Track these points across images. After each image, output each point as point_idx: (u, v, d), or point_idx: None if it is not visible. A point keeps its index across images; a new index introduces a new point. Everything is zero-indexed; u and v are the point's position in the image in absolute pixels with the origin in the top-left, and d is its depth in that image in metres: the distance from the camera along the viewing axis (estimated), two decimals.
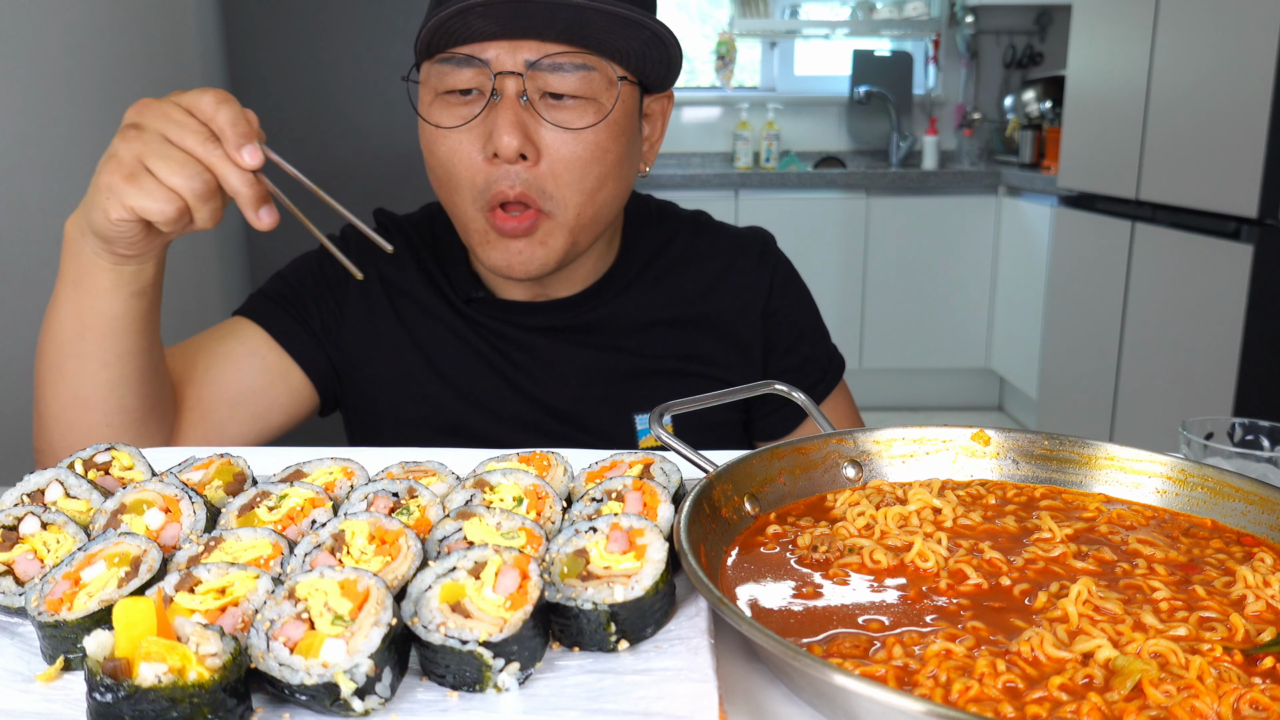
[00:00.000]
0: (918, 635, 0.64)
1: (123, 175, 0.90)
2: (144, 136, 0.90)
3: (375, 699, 0.57)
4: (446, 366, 1.25)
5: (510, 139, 1.06)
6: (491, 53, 1.08)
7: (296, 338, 1.23)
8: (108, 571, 0.66)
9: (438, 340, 1.26)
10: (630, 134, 1.17)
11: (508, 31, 1.06)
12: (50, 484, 0.77)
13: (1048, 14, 5.24)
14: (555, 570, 0.66)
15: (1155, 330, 3.25)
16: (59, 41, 1.86)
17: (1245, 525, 0.82)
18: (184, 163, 0.90)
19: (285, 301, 1.24)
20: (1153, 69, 3.22)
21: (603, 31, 1.07)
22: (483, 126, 1.10)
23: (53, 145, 1.84)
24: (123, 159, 0.90)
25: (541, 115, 1.09)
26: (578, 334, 1.27)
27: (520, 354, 1.26)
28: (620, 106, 1.12)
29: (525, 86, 1.08)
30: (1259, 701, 0.56)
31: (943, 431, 0.93)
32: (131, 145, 0.90)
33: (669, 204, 1.39)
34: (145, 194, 0.90)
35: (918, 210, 4.72)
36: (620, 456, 0.87)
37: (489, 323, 1.26)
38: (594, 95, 1.10)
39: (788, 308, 1.34)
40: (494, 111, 1.09)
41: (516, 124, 1.07)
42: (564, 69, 1.08)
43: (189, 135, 0.90)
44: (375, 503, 0.76)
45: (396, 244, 1.30)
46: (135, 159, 0.90)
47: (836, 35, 5.37)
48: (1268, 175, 2.68)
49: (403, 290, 1.27)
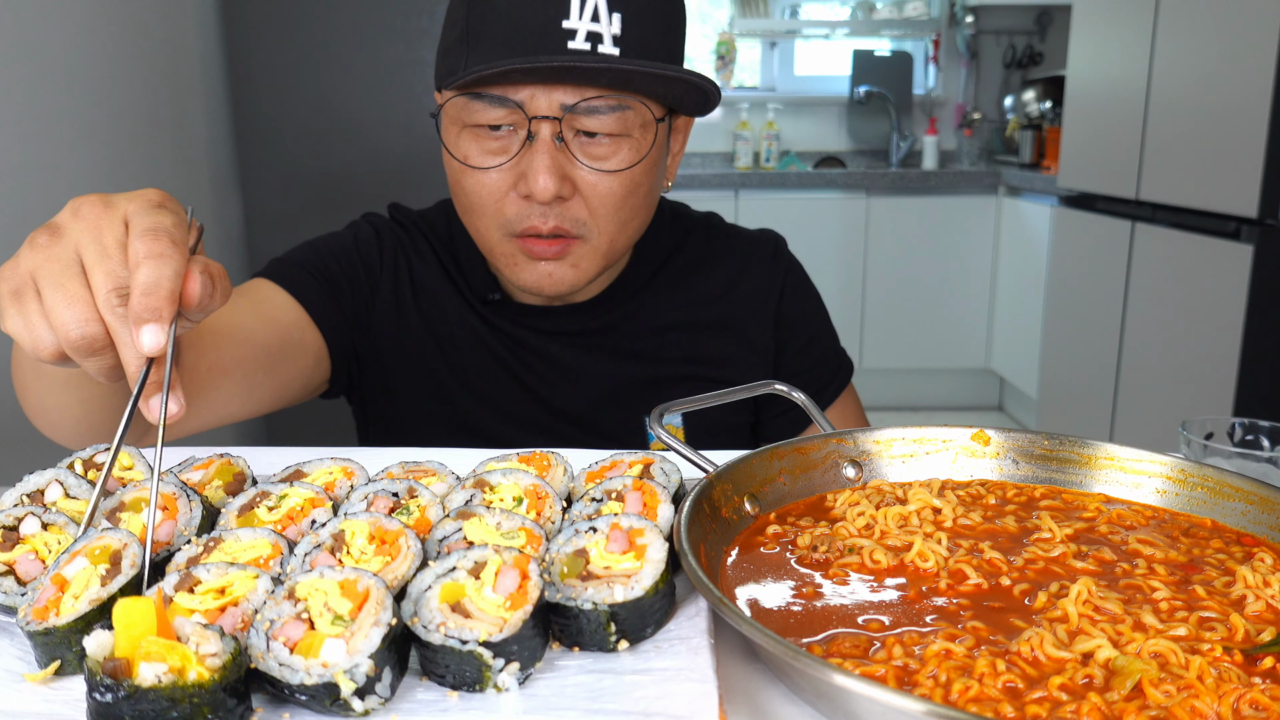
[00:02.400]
0: (918, 635, 0.64)
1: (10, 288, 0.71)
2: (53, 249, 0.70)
3: (375, 699, 0.57)
4: (463, 366, 1.26)
5: (548, 182, 1.05)
6: (525, 94, 1.05)
7: (321, 306, 1.20)
8: (88, 569, 0.65)
9: (456, 339, 1.26)
10: (661, 163, 1.17)
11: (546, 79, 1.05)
12: (50, 484, 0.77)
13: (1048, 14, 5.23)
14: (555, 570, 0.66)
15: (1155, 330, 3.25)
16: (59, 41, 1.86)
17: (1245, 525, 0.82)
18: (75, 302, 0.68)
19: (315, 271, 1.21)
20: (1153, 69, 3.22)
21: (645, 84, 1.07)
22: (515, 168, 1.08)
23: (53, 145, 1.84)
24: (18, 269, 0.70)
25: (576, 156, 1.08)
26: (593, 337, 1.27)
27: (535, 358, 1.26)
28: (656, 143, 1.12)
29: (561, 129, 1.06)
30: (1259, 701, 0.56)
31: (943, 431, 0.93)
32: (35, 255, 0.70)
33: (681, 205, 1.39)
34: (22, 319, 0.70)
35: (918, 210, 4.72)
36: (620, 456, 0.87)
37: (505, 325, 1.26)
38: (628, 132, 1.09)
39: (799, 310, 1.34)
40: (528, 154, 1.07)
41: (553, 168, 1.06)
42: (600, 111, 1.06)
43: (101, 270, 0.69)
44: (375, 503, 0.76)
45: (416, 239, 1.30)
46: (29, 274, 0.70)
47: (836, 35, 5.37)
48: (1268, 175, 2.68)
49: (427, 285, 1.28)
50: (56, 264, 0.69)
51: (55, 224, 0.72)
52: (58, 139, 1.86)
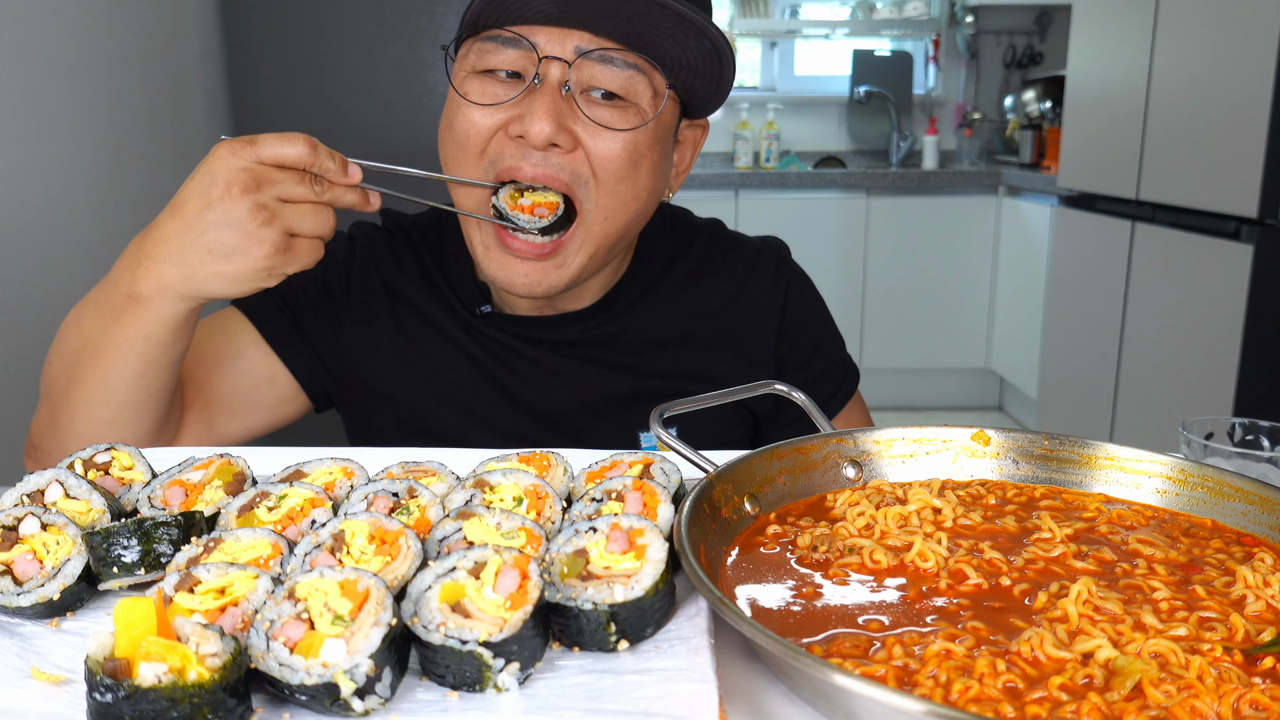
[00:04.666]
0: (918, 635, 0.64)
1: (277, 251, 0.94)
2: (270, 209, 0.93)
3: (375, 699, 0.57)
4: (446, 380, 1.22)
5: (544, 125, 1.02)
6: (540, 37, 1.04)
7: (288, 340, 1.20)
8: None
9: (438, 352, 1.22)
10: (665, 149, 1.13)
11: (564, 16, 1.02)
12: (50, 484, 0.77)
13: (1048, 14, 5.24)
14: (555, 570, 0.66)
15: (1155, 330, 3.25)
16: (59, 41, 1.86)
17: (1245, 525, 0.82)
18: (316, 212, 0.95)
19: (281, 300, 1.20)
20: (1153, 69, 3.22)
21: (662, 34, 1.04)
22: (514, 110, 1.05)
23: (53, 145, 1.84)
24: (264, 237, 0.92)
25: (580, 108, 1.05)
26: (587, 348, 1.23)
27: (527, 368, 1.22)
28: (661, 117, 1.09)
29: (570, 76, 1.04)
30: (1259, 701, 0.56)
31: (943, 431, 0.93)
32: (264, 218, 0.92)
33: (683, 211, 1.35)
34: (299, 259, 0.96)
35: (918, 210, 4.72)
36: (620, 456, 0.87)
37: (495, 335, 1.22)
38: (636, 99, 1.07)
39: (802, 323, 1.30)
40: (529, 96, 1.04)
41: (552, 111, 1.03)
42: (614, 63, 1.04)
43: (302, 188, 0.94)
44: (375, 503, 0.76)
45: (401, 249, 1.26)
46: (280, 233, 0.93)
47: (836, 35, 5.37)
48: (1268, 175, 2.68)
49: (405, 298, 1.23)
50: (284, 212, 0.94)
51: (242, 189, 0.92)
52: (58, 139, 1.86)
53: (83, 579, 0.69)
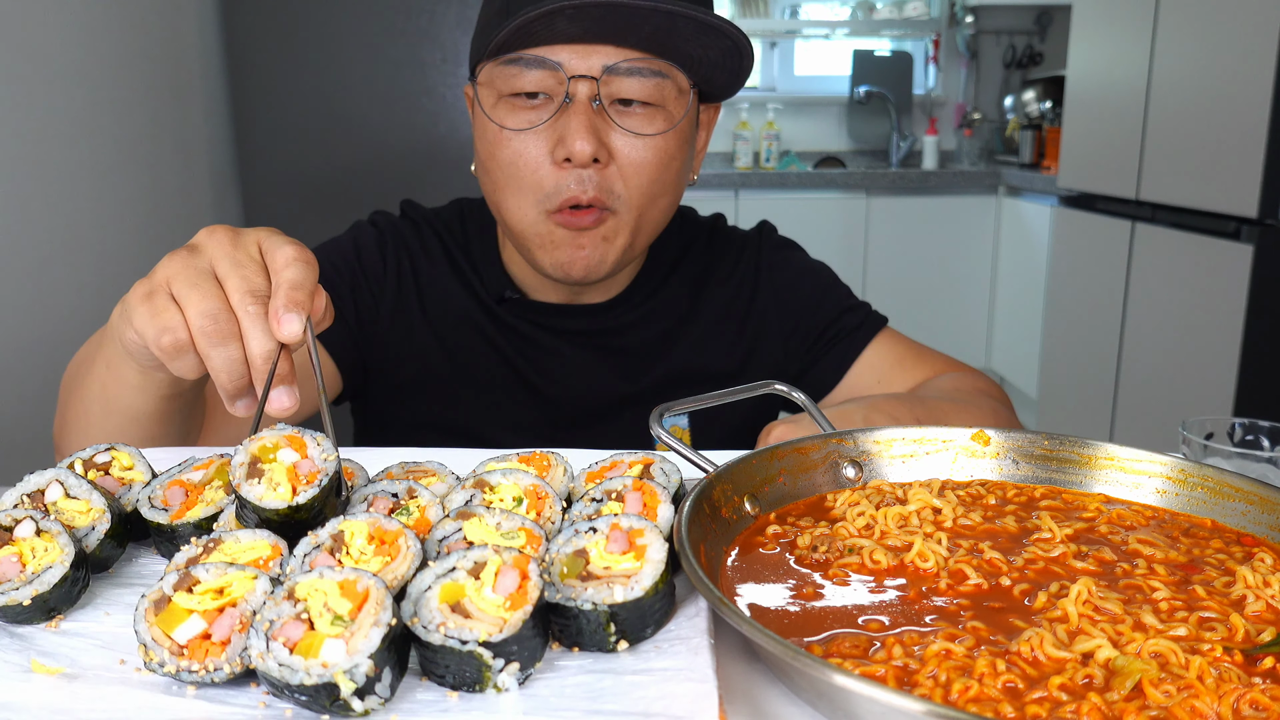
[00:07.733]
0: (918, 635, 0.64)
1: (143, 292, 0.79)
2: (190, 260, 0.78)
3: (375, 699, 0.57)
4: (469, 369, 1.25)
5: (585, 144, 1.06)
6: (564, 56, 1.06)
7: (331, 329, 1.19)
8: None
9: (463, 341, 1.25)
10: (690, 141, 1.17)
11: (588, 35, 1.05)
12: (50, 484, 0.77)
13: (1048, 14, 5.24)
14: (555, 570, 0.66)
15: (1155, 330, 3.25)
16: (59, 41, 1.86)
17: (1245, 525, 0.82)
18: (209, 297, 0.75)
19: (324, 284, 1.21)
20: (1153, 69, 3.22)
21: (685, 40, 1.06)
22: (552, 130, 1.08)
23: (52, 145, 1.84)
24: (153, 278, 0.79)
25: (613, 120, 1.09)
26: (605, 337, 1.27)
27: (545, 359, 1.25)
28: (687, 115, 1.13)
29: (599, 91, 1.07)
30: (1259, 701, 0.56)
31: (943, 431, 0.93)
32: (171, 264, 0.78)
33: (688, 210, 1.39)
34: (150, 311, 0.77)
35: (918, 210, 4.72)
36: (620, 457, 0.87)
37: (518, 324, 1.25)
38: (663, 103, 1.10)
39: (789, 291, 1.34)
40: (565, 115, 1.07)
41: (590, 128, 1.07)
42: (641, 74, 1.07)
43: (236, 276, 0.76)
44: (375, 503, 0.76)
45: (427, 236, 1.28)
46: (164, 280, 0.77)
47: (836, 35, 5.37)
48: (1268, 175, 2.68)
49: (433, 285, 1.26)
50: (192, 271, 0.76)
51: (190, 244, 0.79)
52: (58, 139, 1.86)
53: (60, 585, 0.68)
